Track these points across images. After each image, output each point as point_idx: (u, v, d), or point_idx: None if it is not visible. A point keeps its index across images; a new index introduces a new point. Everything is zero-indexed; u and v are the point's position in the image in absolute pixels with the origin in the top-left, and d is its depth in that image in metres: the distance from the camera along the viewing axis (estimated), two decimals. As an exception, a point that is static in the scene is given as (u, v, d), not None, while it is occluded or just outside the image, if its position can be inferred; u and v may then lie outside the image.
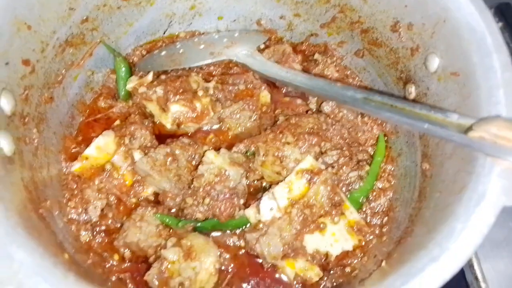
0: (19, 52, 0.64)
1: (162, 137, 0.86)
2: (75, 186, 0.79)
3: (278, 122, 0.88)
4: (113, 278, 0.72)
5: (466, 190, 0.54)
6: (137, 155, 0.80)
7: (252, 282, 0.77)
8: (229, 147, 0.86)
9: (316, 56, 0.96)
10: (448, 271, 0.48)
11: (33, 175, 0.65)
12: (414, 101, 0.78)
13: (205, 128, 0.88)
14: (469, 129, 0.52)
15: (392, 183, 0.85)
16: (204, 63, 0.83)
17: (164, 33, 0.93)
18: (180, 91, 0.83)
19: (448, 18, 0.66)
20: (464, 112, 0.63)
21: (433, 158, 0.71)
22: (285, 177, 0.80)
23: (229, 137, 0.89)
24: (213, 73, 0.91)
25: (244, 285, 0.77)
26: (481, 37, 0.62)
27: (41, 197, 0.66)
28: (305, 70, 0.95)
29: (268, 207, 0.77)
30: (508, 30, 0.72)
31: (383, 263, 0.65)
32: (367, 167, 0.86)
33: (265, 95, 0.90)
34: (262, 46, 0.94)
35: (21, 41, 0.64)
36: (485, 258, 0.94)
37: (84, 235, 0.76)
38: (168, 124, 0.82)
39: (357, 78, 0.94)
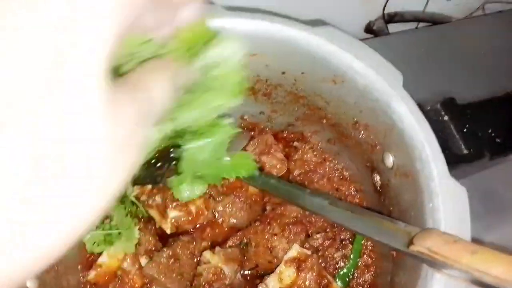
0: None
1: (164, 236, 0.97)
2: (92, 294, 0.90)
3: (266, 212, 0.99)
4: None
5: (416, 292, 0.63)
6: (144, 260, 0.91)
7: None
8: (225, 239, 0.96)
9: (295, 143, 1.07)
10: None
11: (55, 299, 0.77)
12: (380, 188, 0.88)
13: (201, 223, 0.99)
14: (410, 242, 0.61)
15: (374, 259, 0.94)
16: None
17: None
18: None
19: (394, 127, 0.77)
20: (414, 211, 0.72)
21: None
22: (276, 266, 0.90)
23: (225, 229, 0.99)
24: (204, 171, 1.03)
25: None
26: (421, 147, 0.72)
27: (63, 318, 0.77)
28: (287, 156, 1.06)
29: (263, 298, 0.87)
30: (454, 122, 0.81)
31: None
32: (350, 246, 0.95)
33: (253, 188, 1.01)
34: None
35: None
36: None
37: None
38: (167, 229, 0.93)
39: (333, 162, 1.04)
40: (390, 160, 0.80)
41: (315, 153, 1.05)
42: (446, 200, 0.66)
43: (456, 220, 0.65)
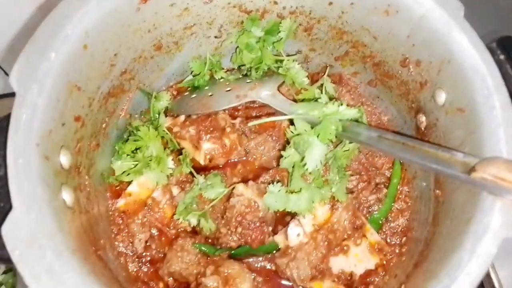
0: (72, 111, 0.73)
1: (195, 169, 0.94)
2: (121, 221, 0.88)
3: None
4: (161, 304, 0.81)
5: (472, 222, 0.60)
6: (175, 190, 0.89)
7: (284, 302, 0.85)
8: (256, 176, 0.94)
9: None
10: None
11: (88, 218, 0.75)
12: (425, 130, 0.85)
13: (233, 160, 0.96)
14: (472, 169, 0.58)
15: (409, 204, 0.92)
16: (231, 106, 0.91)
17: (191, 73, 1.01)
18: (211, 129, 0.92)
19: (452, 59, 0.73)
20: (470, 146, 0.69)
21: (444, 185, 0.77)
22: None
23: (256, 167, 0.97)
24: (238, 108, 0.99)
25: (277, 305, 0.85)
26: (482, 79, 0.68)
27: (96, 237, 0.75)
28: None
29: (295, 233, 0.85)
30: (510, 62, 0.77)
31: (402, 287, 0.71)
32: (384, 190, 0.93)
33: (286, 125, 0.97)
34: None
35: (73, 101, 0.73)
36: (502, 267, 0.99)
37: (132, 266, 0.85)
38: (201, 160, 0.91)
39: (371, 106, 1.00)
40: (442, 97, 0.77)
41: (352, 96, 1.01)
42: (509, 131, 0.63)
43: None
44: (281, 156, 0.93)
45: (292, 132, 0.84)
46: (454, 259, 0.59)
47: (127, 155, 0.89)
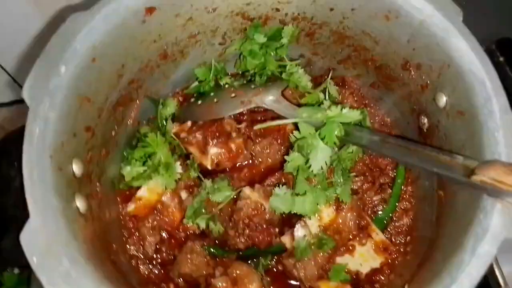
0: (83, 123, 0.76)
1: (203, 174, 0.96)
2: (131, 225, 0.91)
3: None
4: (172, 306, 0.83)
5: (473, 223, 0.62)
6: (184, 194, 0.92)
7: (291, 302, 0.88)
8: (262, 179, 0.96)
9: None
10: (459, 299, 0.57)
11: (100, 224, 0.77)
12: (427, 131, 0.86)
13: (239, 163, 0.98)
14: (472, 172, 0.60)
15: (413, 203, 0.94)
16: (236, 112, 0.93)
17: (196, 79, 1.03)
18: (217, 134, 0.94)
19: (451, 64, 0.74)
20: (470, 148, 0.71)
21: (447, 187, 0.79)
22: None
23: (262, 170, 0.99)
24: (243, 112, 1.01)
25: (285, 305, 0.88)
26: (481, 82, 0.69)
27: (108, 242, 0.78)
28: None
29: (302, 234, 0.87)
30: (509, 64, 0.79)
31: (406, 287, 0.73)
32: (389, 190, 0.95)
33: (291, 128, 0.99)
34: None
35: (83, 113, 0.76)
36: (506, 263, 1.00)
37: (143, 269, 0.88)
38: (208, 164, 0.93)
39: (374, 107, 1.02)
40: (442, 99, 0.78)
41: (355, 98, 1.03)
42: (508, 134, 0.65)
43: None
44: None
45: (295, 137, 0.86)
46: (455, 259, 0.61)
47: (136, 160, 0.91)
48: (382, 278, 0.88)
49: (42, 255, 0.57)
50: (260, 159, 0.98)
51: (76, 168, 0.73)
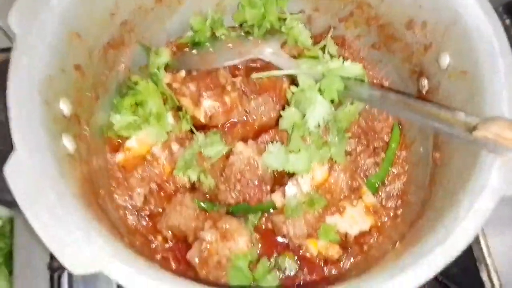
0: (72, 59, 0.72)
1: (195, 127, 0.94)
2: (120, 176, 0.88)
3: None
4: (158, 257, 0.82)
5: (470, 180, 0.61)
6: (175, 146, 0.89)
7: (279, 258, 0.87)
8: (255, 137, 0.94)
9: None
10: (453, 252, 0.56)
11: (88, 168, 0.75)
12: (427, 93, 0.85)
13: (233, 119, 0.96)
14: (474, 128, 0.59)
15: (406, 168, 0.93)
16: (233, 62, 0.90)
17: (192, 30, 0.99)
18: (211, 86, 0.91)
19: (458, 21, 0.72)
20: (471, 108, 0.70)
21: (444, 148, 0.78)
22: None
23: (255, 127, 0.96)
24: (239, 67, 0.98)
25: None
26: (488, 41, 0.68)
27: (96, 188, 0.75)
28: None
29: (293, 192, 0.86)
30: (516, 27, 0.77)
31: (397, 244, 0.73)
32: (382, 154, 0.94)
33: (286, 87, 0.97)
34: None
35: (73, 49, 0.72)
36: (492, 235, 1.01)
37: (131, 219, 0.86)
38: (201, 117, 0.90)
39: (373, 70, 1.00)
40: (446, 60, 0.76)
41: (354, 60, 1.00)
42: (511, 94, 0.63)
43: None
44: (281, 116, 0.93)
45: (292, 92, 0.83)
46: (451, 215, 0.60)
47: (126, 109, 0.88)
48: (371, 240, 0.88)
49: (27, 188, 0.55)
50: (254, 116, 0.96)
51: (65, 107, 0.70)
